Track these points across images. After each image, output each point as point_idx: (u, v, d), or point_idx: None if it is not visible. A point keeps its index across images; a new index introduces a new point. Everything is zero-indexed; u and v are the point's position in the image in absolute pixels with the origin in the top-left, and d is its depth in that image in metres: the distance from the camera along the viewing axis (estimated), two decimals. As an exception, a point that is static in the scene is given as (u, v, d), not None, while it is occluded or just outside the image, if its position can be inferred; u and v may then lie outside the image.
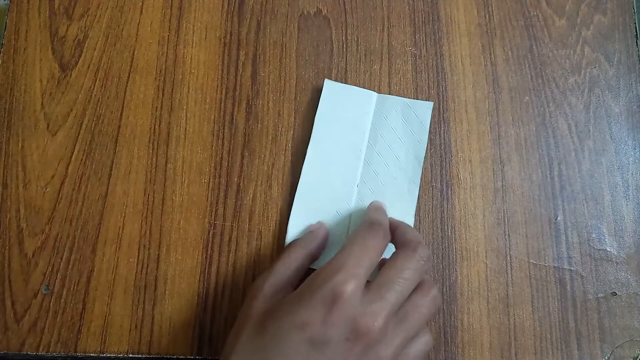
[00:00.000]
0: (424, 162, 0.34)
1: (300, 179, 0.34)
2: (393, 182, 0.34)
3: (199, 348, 0.32)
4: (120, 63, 0.36)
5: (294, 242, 0.31)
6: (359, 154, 0.35)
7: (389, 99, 0.36)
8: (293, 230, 0.33)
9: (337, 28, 0.38)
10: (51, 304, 0.32)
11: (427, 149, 0.35)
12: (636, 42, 0.38)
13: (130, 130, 0.35)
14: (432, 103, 0.36)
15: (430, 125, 0.35)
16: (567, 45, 0.38)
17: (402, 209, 0.34)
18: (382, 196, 0.34)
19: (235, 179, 0.35)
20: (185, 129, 0.36)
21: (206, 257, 0.33)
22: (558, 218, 0.35)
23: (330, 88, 0.36)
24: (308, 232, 0.32)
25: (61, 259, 0.33)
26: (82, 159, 0.35)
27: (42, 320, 0.32)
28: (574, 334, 0.33)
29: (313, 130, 0.35)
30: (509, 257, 0.34)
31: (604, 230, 0.35)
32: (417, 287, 0.27)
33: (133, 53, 0.37)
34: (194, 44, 0.37)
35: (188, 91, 0.36)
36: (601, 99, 0.37)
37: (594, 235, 0.35)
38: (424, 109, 0.35)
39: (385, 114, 0.35)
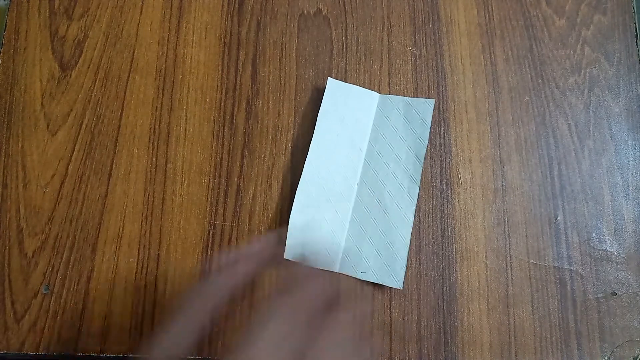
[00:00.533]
0: (424, 162, 0.34)
1: (301, 177, 0.34)
2: (393, 181, 0.34)
3: (198, 348, 0.32)
4: (120, 63, 0.36)
5: (186, 300, 0.26)
6: (360, 154, 0.35)
7: (391, 99, 0.36)
8: (293, 229, 0.33)
9: (337, 28, 0.38)
10: (51, 304, 0.32)
11: (427, 148, 0.35)
12: (636, 42, 0.38)
13: (130, 130, 0.35)
14: (434, 100, 0.36)
15: (431, 123, 0.35)
16: (567, 45, 0.38)
17: (402, 208, 0.34)
18: (381, 195, 0.34)
19: (235, 179, 0.35)
20: (185, 128, 0.35)
21: (206, 257, 0.33)
22: (558, 218, 0.35)
23: (333, 86, 0.36)
24: (211, 279, 0.28)
25: (61, 259, 0.33)
26: (82, 159, 0.35)
27: (42, 320, 0.32)
28: (574, 333, 0.33)
29: (315, 128, 0.35)
30: (509, 257, 0.34)
31: (604, 230, 0.35)
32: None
33: (133, 53, 0.37)
34: (194, 44, 0.37)
35: (188, 91, 0.36)
36: (601, 99, 0.37)
37: (594, 235, 0.35)
38: (426, 107, 0.35)
39: (387, 114, 0.35)
